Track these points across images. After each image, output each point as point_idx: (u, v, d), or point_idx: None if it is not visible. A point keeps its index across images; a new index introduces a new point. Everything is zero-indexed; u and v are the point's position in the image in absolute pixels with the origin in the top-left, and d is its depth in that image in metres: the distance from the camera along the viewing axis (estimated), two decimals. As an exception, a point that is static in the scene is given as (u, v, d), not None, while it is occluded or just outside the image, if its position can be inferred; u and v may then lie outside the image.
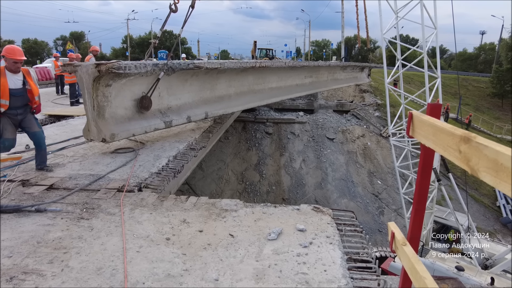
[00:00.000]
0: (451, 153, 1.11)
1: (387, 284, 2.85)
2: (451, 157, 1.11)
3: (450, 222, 11.14)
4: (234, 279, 2.59)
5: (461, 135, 1.03)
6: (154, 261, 2.80)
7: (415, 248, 1.50)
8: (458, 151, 1.06)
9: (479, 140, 0.95)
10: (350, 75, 22.14)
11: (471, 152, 0.99)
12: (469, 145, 0.99)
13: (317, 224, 3.47)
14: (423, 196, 1.51)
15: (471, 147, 0.99)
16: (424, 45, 9.38)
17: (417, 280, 1.30)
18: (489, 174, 0.90)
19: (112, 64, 5.15)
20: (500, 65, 38.53)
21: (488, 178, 0.91)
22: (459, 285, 4.63)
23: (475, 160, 0.96)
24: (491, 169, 0.89)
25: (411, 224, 1.55)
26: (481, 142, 0.94)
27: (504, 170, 0.84)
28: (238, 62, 10.23)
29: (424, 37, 9.33)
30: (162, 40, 47.28)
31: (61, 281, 2.51)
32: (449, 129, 1.12)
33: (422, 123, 1.34)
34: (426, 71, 9.50)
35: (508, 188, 0.83)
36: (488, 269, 9.73)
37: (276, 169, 20.13)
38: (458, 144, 1.06)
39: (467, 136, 1.00)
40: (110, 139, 5.44)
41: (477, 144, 0.95)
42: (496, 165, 0.86)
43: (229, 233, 3.27)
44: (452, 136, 1.09)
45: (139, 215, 3.57)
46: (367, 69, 24.20)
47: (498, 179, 0.86)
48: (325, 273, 2.67)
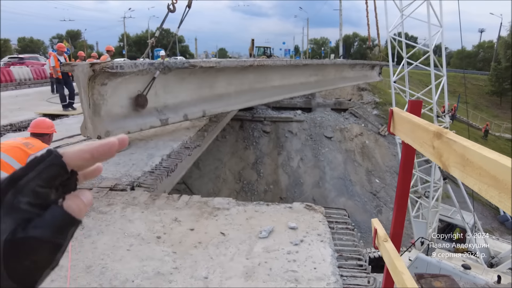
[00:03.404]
0: (427, 149, 1.11)
1: (377, 281, 2.85)
2: (426, 153, 1.11)
3: (456, 221, 11.16)
4: (224, 277, 2.59)
5: (434, 130, 1.04)
6: (144, 259, 2.80)
7: (397, 245, 1.51)
8: (432, 147, 1.06)
9: (449, 135, 0.95)
10: (360, 73, 21.69)
11: (442, 147, 0.99)
12: (441, 140, 1.00)
13: (308, 222, 3.47)
14: (404, 193, 1.51)
15: (442, 143, 0.99)
16: (430, 43, 9.39)
17: (396, 276, 1.30)
18: (458, 169, 0.90)
19: (105, 63, 5.32)
20: (499, 63, 38.57)
21: (457, 173, 0.91)
22: (452, 283, 4.64)
23: (446, 155, 0.97)
24: (459, 164, 0.89)
25: (393, 221, 1.55)
26: (451, 137, 0.94)
27: (470, 164, 0.84)
28: (235, 61, 10.21)
29: (430, 35, 9.33)
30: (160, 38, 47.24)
31: (50, 279, 2.50)
32: (424, 125, 1.12)
33: (401, 119, 1.34)
34: (432, 70, 9.53)
35: (473, 183, 0.83)
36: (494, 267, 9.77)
37: (273, 168, 20.13)
38: (432, 139, 1.06)
39: (439, 131, 1.01)
40: (105, 136, 5.58)
41: (447, 139, 0.96)
42: (463, 159, 0.87)
43: (220, 231, 3.27)
44: (427, 132, 1.09)
45: (130, 214, 3.57)
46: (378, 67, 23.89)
47: (465, 173, 0.87)
48: (315, 270, 2.68)
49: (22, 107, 10.19)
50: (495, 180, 0.77)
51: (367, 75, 22.84)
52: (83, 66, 5.24)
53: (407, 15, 9.70)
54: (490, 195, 0.79)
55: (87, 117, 5.44)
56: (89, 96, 5.38)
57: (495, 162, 0.77)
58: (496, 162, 0.76)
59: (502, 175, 0.75)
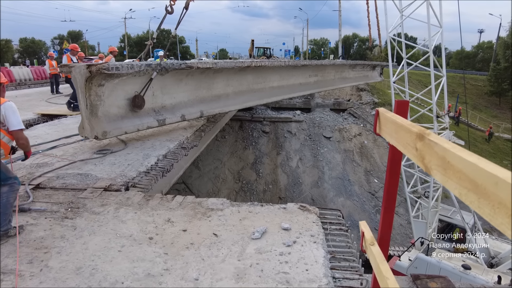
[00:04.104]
0: (410, 151, 1.09)
1: (370, 283, 2.83)
2: (409, 155, 1.09)
3: (455, 221, 11.13)
4: (214, 278, 2.57)
5: (417, 132, 1.01)
6: (135, 260, 2.77)
7: (384, 248, 1.48)
8: (415, 149, 1.04)
9: (431, 137, 0.93)
10: (360, 73, 21.56)
11: (425, 149, 0.97)
12: (423, 142, 0.97)
13: (302, 223, 3.45)
14: (392, 196, 1.48)
15: (425, 144, 0.97)
16: (430, 43, 9.37)
17: (381, 281, 1.28)
18: (439, 172, 0.88)
19: (102, 65, 5.37)
20: (498, 64, 38.57)
21: (439, 176, 0.89)
22: (448, 284, 4.62)
23: (428, 157, 0.94)
24: (440, 167, 0.87)
25: (381, 224, 1.52)
26: (432, 139, 0.91)
27: (451, 167, 0.81)
28: (232, 62, 10.18)
29: (430, 35, 9.31)
30: (160, 39, 47.18)
31: (39, 281, 2.49)
32: (407, 126, 1.09)
33: (386, 120, 1.32)
34: (432, 70, 9.51)
35: (454, 187, 0.81)
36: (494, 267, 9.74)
37: (272, 168, 20.11)
38: (414, 141, 1.03)
39: (422, 133, 0.98)
40: (102, 136, 5.67)
41: (429, 141, 0.93)
42: (444, 162, 0.84)
43: (213, 232, 3.24)
44: (410, 133, 1.07)
45: (123, 214, 3.54)
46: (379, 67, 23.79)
47: (446, 177, 0.84)
48: (307, 272, 2.65)
49: (21, 108, 10.14)
50: (474, 185, 0.74)
51: (368, 76, 22.75)
52: (80, 68, 5.30)
53: (407, 15, 9.68)
54: (470, 200, 0.76)
55: (84, 118, 5.52)
56: (86, 96, 5.46)
57: (474, 165, 0.74)
58: (475, 165, 0.74)
59: (481, 179, 0.72)
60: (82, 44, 57.33)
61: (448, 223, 11.44)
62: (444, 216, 11.37)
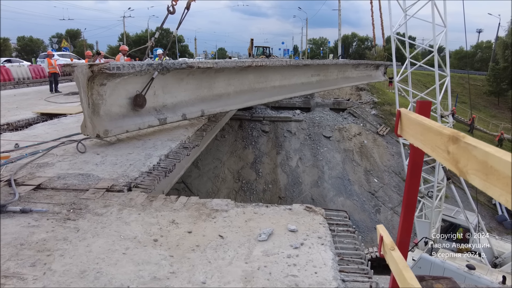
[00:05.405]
0: (440, 154, 1.04)
1: (379, 286, 2.79)
2: (439, 158, 1.04)
3: (459, 221, 11.11)
4: (222, 282, 2.51)
5: (450, 134, 0.96)
6: (140, 263, 2.72)
7: (404, 253, 1.43)
8: (446, 152, 0.99)
9: (468, 140, 0.88)
10: (364, 73, 21.38)
11: (459, 153, 0.91)
12: (458, 145, 0.92)
13: (309, 225, 3.40)
14: (412, 199, 1.43)
15: (459, 148, 0.91)
16: (435, 43, 9.37)
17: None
18: (479, 177, 0.83)
19: (103, 64, 5.42)
20: (497, 63, 38.64)
21: (478, 182, 0.84)
22: (454, 285, 4.59)
23: (464, 161, 0.89)
24: (480, 172, 0.82)
25: (400, 228, 1.48)
26: (469, 142, 0.86)
27: (494, 173, 0.76)
28: (233, 62, 10.15)
29: (435, 35, 9.30)
30: (160, 38, 47.11)
31: (42, 285, 2.43)
32: (437, 128, 1.04)
33: (410, 121, 1.27)
34: (436, 70, 9.53)
35: (499, 193, 0.76)
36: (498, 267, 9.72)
37: (272, 168, 20.07)
38: (446, 144, 0.98)
39: (456, 135, 0.93)
40: (104, 135, 5.74)
41: (465, 144, 0.88)
42: (486, 167, 0.79)
43: (218, 234, 3.19)
44: (440, 135, 1.02)
45: (127, 216, 3.49)
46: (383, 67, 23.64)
47: (488, 182, 0.79)
48: (316, 275, 2.61)
49: (20, 106, 10.08)
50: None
51: (371, 75, 22.66)
52: (82, 67, 5.34)
53: (411, 15, 9.66)
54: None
55: (86, 116, 5.59)
56: (89, 96, 5.53)
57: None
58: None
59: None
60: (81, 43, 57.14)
61: (451, 223, 11.42)
62: (448, 216, 11.36)
